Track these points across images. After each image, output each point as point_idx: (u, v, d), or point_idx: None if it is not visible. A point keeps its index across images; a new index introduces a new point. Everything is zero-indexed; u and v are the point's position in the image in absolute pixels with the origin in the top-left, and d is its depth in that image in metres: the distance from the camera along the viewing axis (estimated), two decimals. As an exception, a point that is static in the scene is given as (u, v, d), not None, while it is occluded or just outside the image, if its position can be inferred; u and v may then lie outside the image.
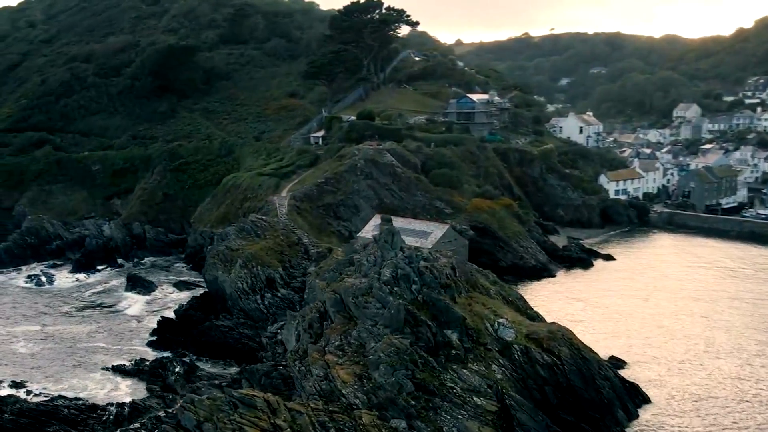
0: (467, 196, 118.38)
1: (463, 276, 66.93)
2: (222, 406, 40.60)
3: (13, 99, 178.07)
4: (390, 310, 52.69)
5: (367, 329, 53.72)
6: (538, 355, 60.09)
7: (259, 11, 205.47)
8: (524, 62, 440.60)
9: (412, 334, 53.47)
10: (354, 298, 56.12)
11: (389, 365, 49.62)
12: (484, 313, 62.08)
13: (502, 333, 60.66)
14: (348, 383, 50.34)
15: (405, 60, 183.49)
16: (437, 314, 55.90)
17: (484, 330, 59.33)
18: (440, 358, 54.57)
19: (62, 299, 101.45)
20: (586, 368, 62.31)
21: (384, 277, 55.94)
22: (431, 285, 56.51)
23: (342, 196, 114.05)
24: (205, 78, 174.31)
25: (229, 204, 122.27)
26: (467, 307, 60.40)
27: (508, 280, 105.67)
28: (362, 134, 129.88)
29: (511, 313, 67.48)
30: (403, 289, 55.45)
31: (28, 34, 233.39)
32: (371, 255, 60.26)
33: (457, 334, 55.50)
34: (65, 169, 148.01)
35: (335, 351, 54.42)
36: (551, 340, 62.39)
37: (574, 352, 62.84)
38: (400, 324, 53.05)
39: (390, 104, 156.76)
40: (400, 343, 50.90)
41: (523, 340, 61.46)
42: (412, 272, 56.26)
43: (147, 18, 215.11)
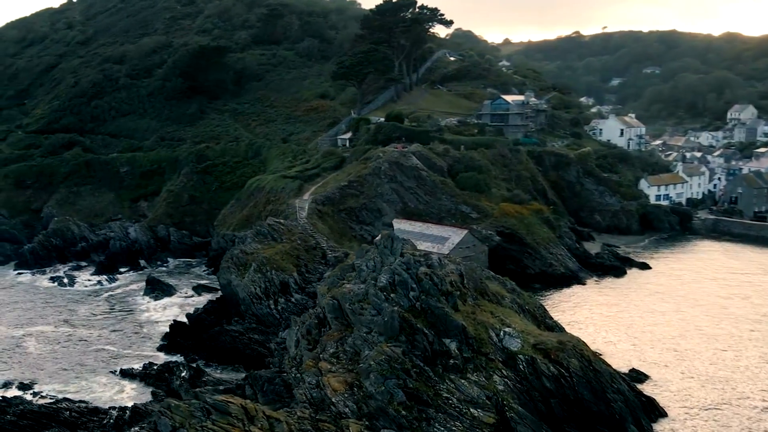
0: (495, 201, 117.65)
1: (472, 283, 66.49)
2: (195, 412, 41.12)
3: (47, 100, 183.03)
4: (384, 317, 52.71)
5: (361, 336, 53.85)
6: (544, 366, 59.32)
7: (294, 11, 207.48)
8: (574, 62, 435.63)
9: (407, 343, 53.37)
10: (351, 304, 56.30)
11: (380, 374, 49.63)
12: (490, 322, 61.57)
13: (507, 343, 60.10)
14: (338, 392, 50.48)
15: (440, 60, 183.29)
16: (436, 322, 55.68)
17: (488, 339, 58.86)
18: (437, 367, 54.35)
19: (81, 301, 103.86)
20: (597, 380, 61.28)
21: (380, 283, 55.99)
22: (430, 292, 56.30)
23: (365, 200, 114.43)
24: (236, 79, 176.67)
25: (252, 207, 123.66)
26: (471, 316, 60.00)
27: (536, 288, 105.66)
28: (389, 136, 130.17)
29: (522, 323, 66.79)
30: (400, 296, 55.38)
31: (65, 35, 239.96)
32: (371, 260, 60.38)
33: (456, 343, 55.18)
34: (94, 171, 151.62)
35: (330, 358, 54.65)
36: (560, 350, 61.54)
37: (584, 363, 61.86)
38: (395, 332, 53.01)
39: (422, 105, 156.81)
40: (391, 352, 50.86)
41: (530, 350, 60.77)
42: (410, 279, 56.16)
43: (181, 19, 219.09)
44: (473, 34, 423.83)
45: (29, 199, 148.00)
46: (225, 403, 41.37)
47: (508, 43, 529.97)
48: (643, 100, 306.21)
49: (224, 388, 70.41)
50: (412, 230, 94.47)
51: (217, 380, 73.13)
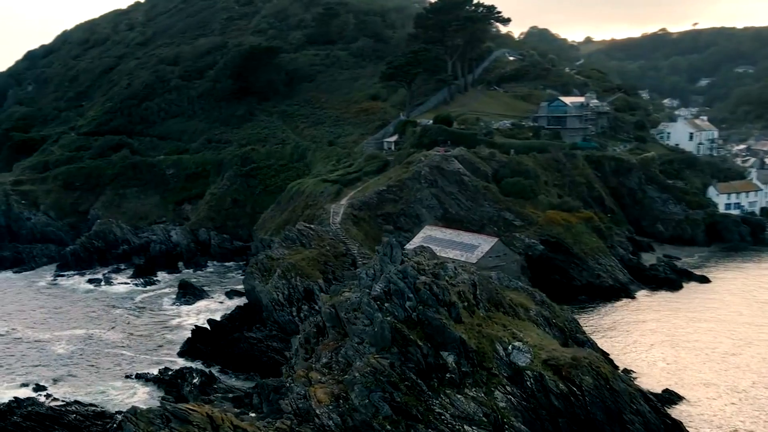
0: (541, 208, 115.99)
1: (486, 294, 65.88)
2: (154, 419, 42.08)
3: (101, 102, 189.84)
4: (374, 328, 52.79)
5: (353, 347, 54.08)
6: (552, 383, 58.22)
7: (351, 10, 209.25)
8: (659, 61, 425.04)
9: (400, 354, 53.29)
10: (346, 313, 56.61)
11: (364, 386, 49.72)
12: (498, 336, 60.82)
13: (514, 357, 59.27)
14: (323, 403, 50.80)
15: (498, 60, 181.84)
16: (433, 334, 55.38)
17: (491, 353, 58.17)
18: (433, 381, 54.05)
19: (113, 304, 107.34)
20: (613, 400, 59.80)
21: (374, 292, 56.06)
22: (428, 302, 56.04)
23: (403, 205, 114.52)
24: (287, 80, 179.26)
25: (291, 211, 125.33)
26: (476, 328, 59.39)
27: (581, 300, 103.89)
28: (434, 139, 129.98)
29: (539, 337, 65.66)
30: (394, 306, 55.31)
31: (126, 37, 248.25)
32: (370, 268, 60.53)
33: (454, 356, 54.76)
34: (140, 173, 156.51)
35: (322, 368, 55.08)
36: (572, 367, 60.28)
37: (600, 381, 60.43)
38: (387, 342, 53.00)
39: (475, 107, 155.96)
40: (377, 364, 50.88)
41: (539, 366, 59.76)
42: (406, 288, 56.04)
43: (238, 19, 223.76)
44: (549, 33, 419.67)
45: (77, 201, 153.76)
46: (186, 411, 42.18)
47: (590, 41, 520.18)
48: (730, 101, 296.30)
49: (233, 396, 72.02)
50: (443, 237, 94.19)
51: (228, 387, 74.45)
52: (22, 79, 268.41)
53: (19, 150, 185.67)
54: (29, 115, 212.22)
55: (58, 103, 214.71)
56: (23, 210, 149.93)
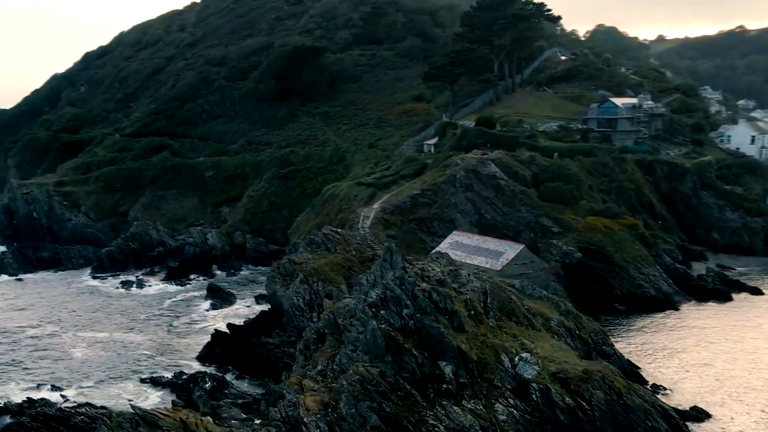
0: (582, 214, 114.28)
1: (497, 303, 65.36)
2: (123, 423, 42.93)
3: (146, 103, 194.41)
4: (366, 335, 52.85)
5: (347, 354, 54.25)
6: (559, 397, 57.41)
7: (401, 9, 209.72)
8: (735, 60, 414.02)
9: (394, 363, 53.22)
10: (344, 320, 56.82)
11: (351, 395, 49.81)
12: (505, 346, 60.24)
13: (521, 369, 58.65)
14: (312, 411, 51.06)
15: (549, 60, 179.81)
16: (431, 343, 55.14)
17: (495, 364, 57.64)
18: (428, 392, 53.83)
19: (140, 307, 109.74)
20: (625, 416, 58.63)
21: (370, 298, 56.12)
22: (426, 310, 55.82)
23: (437, 210, 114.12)
24: (331, 81, 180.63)
25: (325, 215, 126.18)
26: (480, 338, 58.96)
27: (619, 311, 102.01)
28: (474, 142, 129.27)
29: (553, 348, 64.81)
30: (390, 313, 55.24)
31: (176, 38, 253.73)
32: (371, 274, 60.59)
33: (452, 366, 54.42)
34: (179, 175, 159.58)
35: (316, 376, 55.42)
36: (583, 381, 59.34)
37: (612, 396, 59.34)
38: (380, 351, 52.97)
39: (522, 109, 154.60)
40: (366, 372, 50.91)
41: (547, 378, 59.01)
42: (403, 295, 55.91)
43: (286, 19, 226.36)
44: (616, 31, 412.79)
45: (117, 202, 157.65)
46: (155, 416, 42.92)
47: (662, 39, 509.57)
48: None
49: (243, 402, 72.98)
50: (469, 243, 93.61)
51: (239, 393, 75.40)
52: (76, 81, 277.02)
53: (67, 151, 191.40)
54: (79, 116, 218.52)
55: (107, 105, 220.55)
56: (64, 211, 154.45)
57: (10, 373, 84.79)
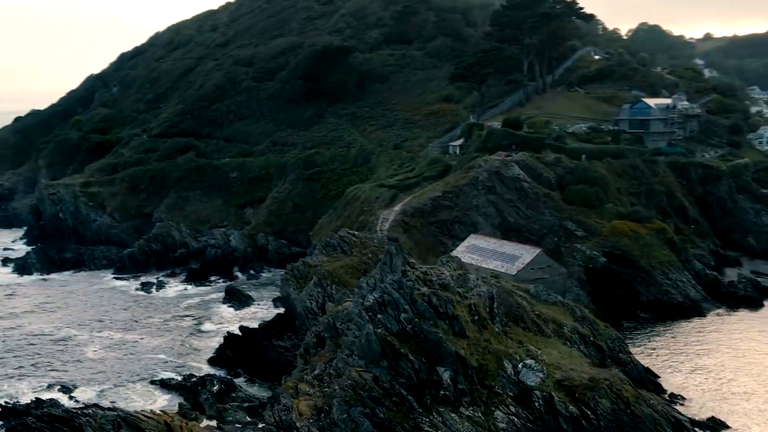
0: (608, 217, 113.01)
1: (504, 308, 64.98)
2: (105, 425, 43.44)
3: (174, 104, 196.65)
4: (360, 339, 52.86)
5: (343, 359, 54.32)
6: (562, 405, 56.87)
7: (432, 8, 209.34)
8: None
9: (390, 368, 53.15)
10: (342, 323, 56.91)
11: (343, 400, 49.85)
12: (509, 353, 59.82)
13: (524, 376, 58.21)
14: (304, 416, 51.24)
15: (582, 59, 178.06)
16: (430, 348, 54.97)
17: (496, 371, 57.27)
18: (425, 398, 53.68)
19: (157, 308, 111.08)
20: (632, 426, 57.97)
21: (367, 302, 56.11)
22: (425, 315, 55.65)
23: (458, 213, 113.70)
24: (359, 81, 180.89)
25: (346, 217, 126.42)
26: (482, 344, 58.58)
27: (644, 317, 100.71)
28: (499, 143, 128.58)
29: (561, 355, 64.25)
30: (387, 318, 55.16)
31: (208, 38, 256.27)
32: (371, 278, 60.57)
33: (451, 372, 54.20)
34: (204, 176, 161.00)
35: (312, 380, 55.56)
36: (588, 389, 58.72)
37: (619, 405, 58.64)
38: (376, 355, 52.94)
39: (552, 110, 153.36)
40: (359, 377, 50.91)
41: (551, 386, 58.49)
42: (401, 299, 55.79)
43: (317, 18, 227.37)
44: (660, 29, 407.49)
45: (142, 204, 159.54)
46: (136, 418, 43.39)
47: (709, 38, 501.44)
48: None
49: (249, 405, 73.51)
50: (486, 247, 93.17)
51: (246, 396, 75.95)
52: (109, 81, 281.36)
53: (96, 152, 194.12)
54: (109, 117, 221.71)
55: (137, 105, 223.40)
56: (90, 212, 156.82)
57: (24, 372, 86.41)
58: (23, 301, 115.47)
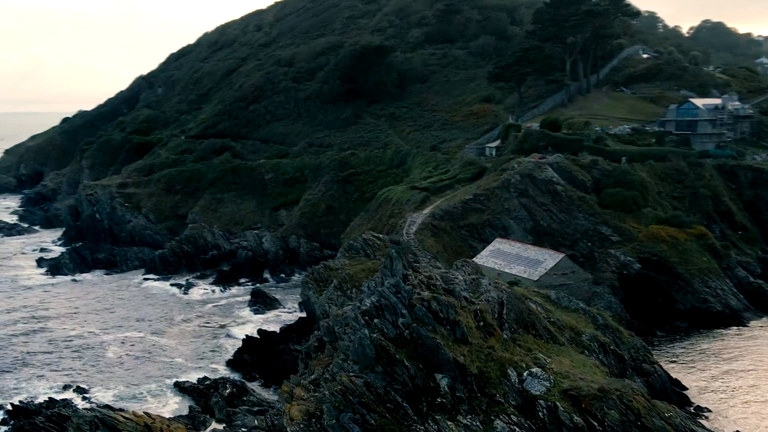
0: (646, 222, 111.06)
1: (514, 314, 64.34)
2: (83, 425, 44.17)
3: (214, 104, 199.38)
4: (354, 344, 52.85)
5: (338, 363, 54.38)
6: (567, 415, 55.92)
7: (477, 6, 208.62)
8: None
9: (385, 374, 52.99)
10: (340, 327, 57.03)
11: (333, 406, 49.90)
12: (514, 360, 59.07)
13: (528, 384, 57.42)
14: (295, 421, 51.42)
15: (629, 58, 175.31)
16: (428, 354, 54.65)
17: (498, 379, 56.58)
18: (422, 405, 53.38)
19: (182, 310, 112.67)
20: (642, 440, 56.82)
21: (364, 306, 56.07)
22: (423, 320, 55.36)
23: (489, 216, 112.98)
24: (399, 81, 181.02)
25: (377, 220, 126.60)
26: (485, 350, 57.98)
27: (680, 327, 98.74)
28: (536, 145, 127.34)
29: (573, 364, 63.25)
30: (384, 322, 55.00)
31: (251, 38, 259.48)
32: (372, 281, 60.51)
33: (448, 379, 53.82)
34: (239, 178, 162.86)
35: (308, 385, 55.75)
36: (596, 399, 57.59)
37: (629, 417, 57.37)
38: (370, 361, 52.82)
39: (595, 111, 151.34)
40: (349, 382, 50.89)
41: (557, 395, 57.62)
42: (399, 303, 55.60)
43: (360, 17, 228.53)
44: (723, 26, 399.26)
45: (177, 205, 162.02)
46: (114, 419, 44.05)
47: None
48: None
49: (258, 409, 74.06)
50: (510, 251, 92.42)
51: (257, 400, 76.54)
52: (154, 82, 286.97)
53: (137, 153, 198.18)
54: (152, 118, 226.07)
55: (180, 106, 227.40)
56: (125, 212, 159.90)
57: (43, 372, 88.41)
58: (51, 301, 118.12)
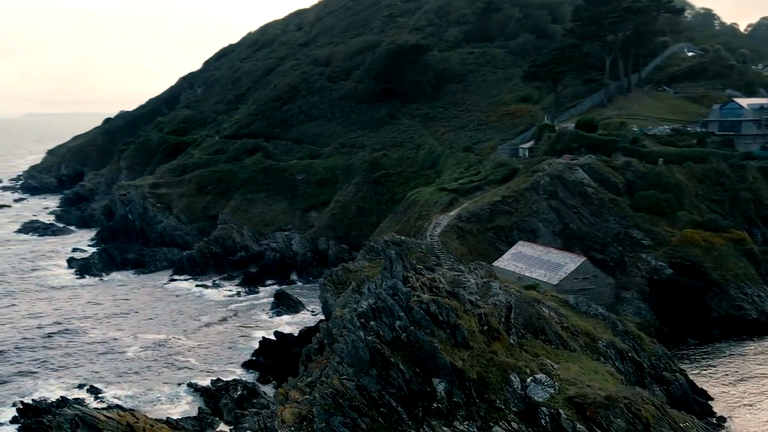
0: (680, 226, 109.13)
1: (522, 319, 63.83)
2: (63, 423, 44.86)
3: (248, 105, 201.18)
4: (347, 346, 52.88)
5: (334, 366, 54.48)
6: (569, 423, 55.23)
7: (517, 3, 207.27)
8: None
9: (379, 378, 52.94)
10: (337, 330, 57.13)
11: (323, 409, 50.00)
12: (518, 365, 58.57)
13: (531, 391, 56.88)
14: (286, 423, 51.67)
15: (673, 57, 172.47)
16: (425, 358, 54.45)
17: (499, 384, 56.13)
18: (417, 410, 53.22)
19: (206, 312, 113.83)
20: (648, 450, 55.91)
21: (360, 308, 56.05)
22: (421, 323, 55.15)
23: (517, 218, 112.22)
24: (435, 81, 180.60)
25: (405, 222, 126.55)
26: (486, 355, 57.57)
27: (713, 334, 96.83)
28: (568, 146, 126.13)
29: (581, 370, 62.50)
30: (381, 325, 54.93)
31: (291, 37, 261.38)
32: (373, 283, 60.47)
33: (446, 384, 53.57)
34: (270, 178, 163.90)
35: (304, 387, 55.96)
36: (603, 407, 56.80)
37: (637, 426, 56.51)
38: (364, 364, 52.78)
39: (635, 111, 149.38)
40: (340, 386, 50.92)
41: (561, 402, 56.97)
42: (396, 306, 55.47)
43: (399, 16, 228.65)
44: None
45: (208, 205, 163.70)
46: (94, 419, 44.65)
47: None
48: None
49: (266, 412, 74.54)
50: (531, 255, 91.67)
51: (266, 403, 76.77)
52: (195, 82, 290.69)
53: (173, 153, 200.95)
54: (190, 118, 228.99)
55: (217, 107, 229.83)
56: (157, 213, 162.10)
57: (61, 371, 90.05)
58: (76, 301, 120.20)
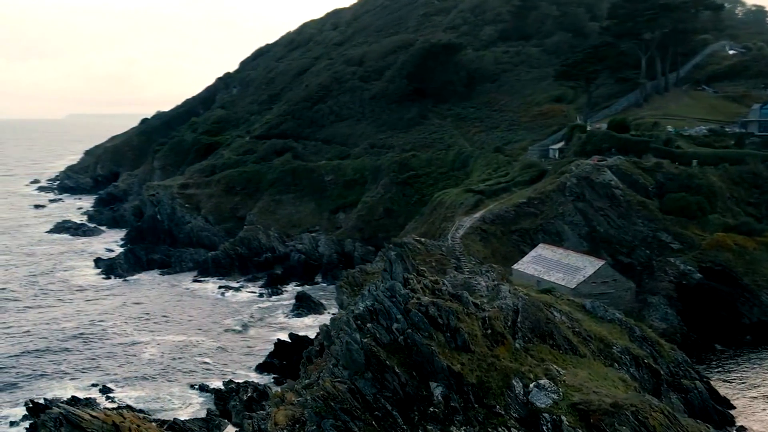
0: (711, 229, 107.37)
1: (529, 323, 63.34)
2: (47, 422, 45.47)
3: (280, 105, 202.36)
4: (341, 349, 52.92)
5: (329, 368, 54.58)
6: (572, 430, 54.70)
7: (555, 1, 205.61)
8: None
9: (374, 381, 52.89)
10: (335, 331, 57.20)
11: (314, 411, 50.09)
12: (521, 370, 58.10)
13: (533, 397, 56.41)
14: (279, 426, 51.88)
15: (713, 55, 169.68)
16: (423, 361, 54.26)
17: (499, 389, 55.74)
18: (413, 414, 53.07)
19: (226, 313, 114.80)
20: (654, 459, 55.09)
21: (357, 310, 56.04)
22: (419, 325, 54.94)
23: (542, 221, 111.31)
24: (467, 80, 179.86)
25: (431, 223, 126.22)
26: (488, 359, 57.18)
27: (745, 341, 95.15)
28: (599, 147, 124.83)
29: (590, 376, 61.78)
30: (377, 327, 54.84)
31: (326, 37, 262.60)
32: (373, 285, 60.37)
33: (443, 388, 53.33)
34: (298, 179, 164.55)
35: (301, 389, 56.13)
36: (608, 415, 56.07)
37: (641, 436, 55.90)
38: (359, 366, 52.75)
39: (672, 111, 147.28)
40: (332, 388, 50.96)
41: (564, 409, 56.37)
42: (393, 308, 55.34)
43: (434, 15, 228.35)
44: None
45: (236, 206, 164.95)
46: (78, 417, 45.19)
47: None
48: None
49: (275, 414, 74.90)
50: (551, 258, 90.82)
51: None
52: (230, 82, 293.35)
53: (205, 154, 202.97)
54: (223, 118, 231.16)
55: (251, 107, 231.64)
56: (185, 213, 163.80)
57: (76, 371, 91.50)
58: (99, 302, 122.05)
